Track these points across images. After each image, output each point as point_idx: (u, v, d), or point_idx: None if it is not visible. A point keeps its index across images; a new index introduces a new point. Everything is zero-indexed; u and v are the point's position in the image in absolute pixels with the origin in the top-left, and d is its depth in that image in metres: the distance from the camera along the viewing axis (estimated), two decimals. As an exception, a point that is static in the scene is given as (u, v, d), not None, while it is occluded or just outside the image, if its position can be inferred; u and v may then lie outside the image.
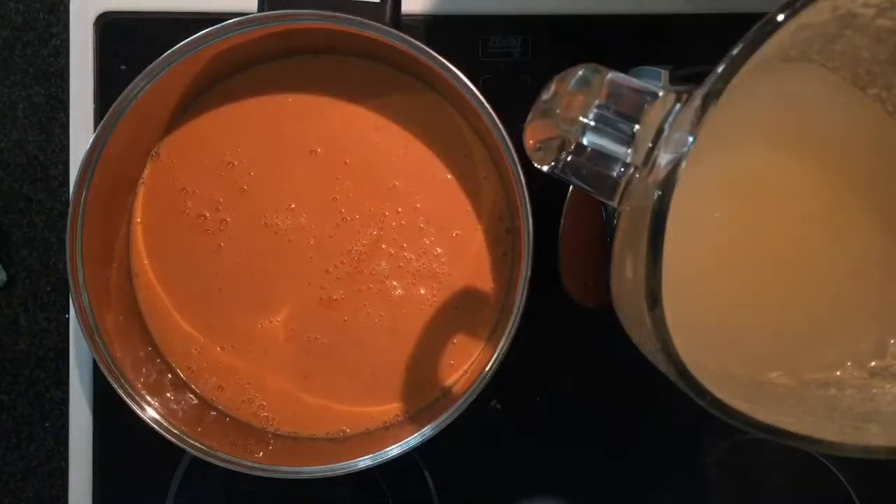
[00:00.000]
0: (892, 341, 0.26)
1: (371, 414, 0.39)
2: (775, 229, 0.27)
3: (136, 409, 0.36)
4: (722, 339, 0.26)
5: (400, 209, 0.39)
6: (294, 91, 0.39)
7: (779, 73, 0.26)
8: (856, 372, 0.26)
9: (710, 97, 0.18)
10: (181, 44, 0.35)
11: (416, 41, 0.34)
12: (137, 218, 0.39)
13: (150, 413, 0.36)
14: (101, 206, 0.36)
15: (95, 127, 0.39)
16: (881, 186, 0.27)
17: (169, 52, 0.35)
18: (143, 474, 0.42)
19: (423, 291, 0.39)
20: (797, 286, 0.27)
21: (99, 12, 0.42)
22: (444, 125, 0.39)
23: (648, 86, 0.22)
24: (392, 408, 0.39)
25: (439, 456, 0.41)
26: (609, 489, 0.42)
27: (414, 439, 0.35)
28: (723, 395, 0.20)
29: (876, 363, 0.26)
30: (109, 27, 0.42)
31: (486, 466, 0.42)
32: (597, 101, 0.22)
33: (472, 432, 0.42)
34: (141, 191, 0.39)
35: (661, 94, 0.22)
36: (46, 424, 0.48)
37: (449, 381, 0.39)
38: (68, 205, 0.35)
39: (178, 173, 0.39)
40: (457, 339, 0.39)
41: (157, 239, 0.39)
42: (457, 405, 0.34)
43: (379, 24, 0.34)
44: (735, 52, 0.18)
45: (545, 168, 0.25)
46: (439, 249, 0.39)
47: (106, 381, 0.36)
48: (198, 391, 0.39)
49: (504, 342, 0.34)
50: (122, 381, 0.36)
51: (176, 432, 0.36)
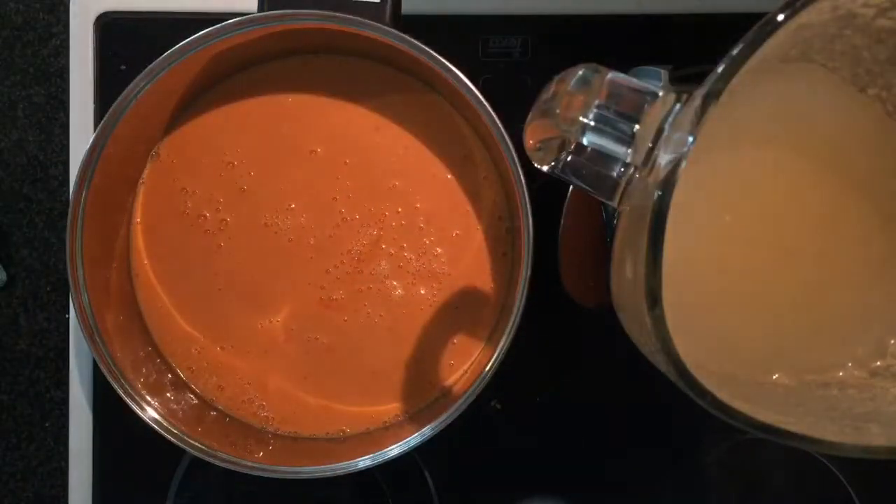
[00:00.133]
0: (892, 341, 0.26)
1: (371, 414, 0.39)
2: (775, 229, 0.26)
3: (136, 409, 0.36)
4: (722, 338, 0.26)
5: (400, 209, 0.39)
6: (294, 91, 0.39)
7: (779, 73, 0.26)
8: (856, 372, 0.26)
9: (710, 97, 0.18)
10: (181, 44, 0.35)
11: (416, 41, 0.34)
12: (137, 218, 0.39)
13: (150, 413, 0.36)
14: (101, 206, 0.36)
15: (95, 127, 0.39)
16: (881, 186, 0.27)
17: (169, 52, 0.35)
18: (143, 474, 0.42)
19: (423, 291, 0.39)
20: (797, 286, 0.27)
21: (99, 12, 0.42)
22: (444, 125, 0.39)
23: (648, 86, 0.22)
24: (392, 408, 0.39)
25: (439, 456, 0.41)
26: (609, 489, 0.42)
27: (414, 439, 0.35)
28: (723, 395, 0.19)
29: (876, 363, 0.26)
30: (109, 27, 0.42)
31: (486, 466, 0.42)
32: (597, 101, 0.22)
33: (472, 432, 0.42)
34: (141, 191, 0.39)
35: (661, 94, 0.22)
36: (46, 424, 0.48)
37: (449, 381, 0.39)
38: (68, 205, 0.35)
39: (178, 173, 0.39)
40: (457, 339, 0.39)
41: (157, 239, 0.39)
42: (457, 405, 0.34)
43: (379, 24, 0.34)
44: (735, 52, 0.18)
45: (545, 168, 0.25)
46: (439, 249, 0.39)
47: (106, 381, 0.36)
48: (198, 391, 0.39)
49: (504, 342, 0.34)
50: (122, 381, 0.36)
51: (176, 432, 0.36)
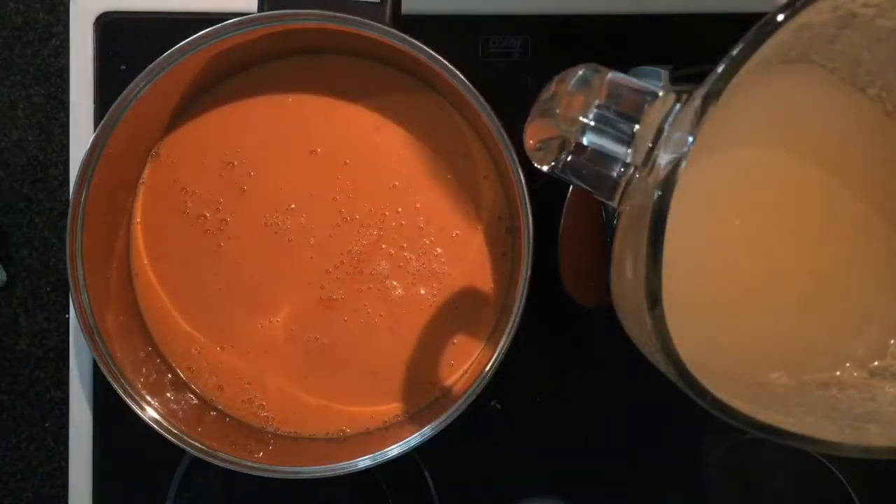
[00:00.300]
0: (891, 341, 0.26)
1: (371, 414, 0.39)
2: (775, 229, 0.27)
3: (136, 409, 0.36)
4: (722, 339, 0.26)
5: (400, 209, 0.39)
6: (294, 91, 0.39)
7: (779, 74, 0.26)
8: (856, 372, 0.26)
9: (710, 97, 0.19)
10: (181, 44, 0.35)
11: (416, 41, 0.34)
12: (137, 218, 0.39)
13: (150, 413, 0.36)
14: (101, 206, 0.36)
15: (95, 127, 0.39)
16: (881, 186, 0.27)
17: (169, 52, 0.35)
18: (143, 474, 0.42)
19: (423, 291, 0.39)
20: (797, 286, 0.27)
21: (99, 12, 0.42)
22: (444, 125, 0.39)
23: (648, 86, 0.22)
24: (392, 408, 0.39)
25: (439, 456, 0.41)
26: (609, 489, 0.42)
27: (414, 439, 0.35)
28: (723, 395, 0.20)
29: (876, 363, 0.26)
30: (109, 27, 0.42)
31: (486, 466, 0.42)
32: (597, 101, 0.22)
33: (472, 432, 0.42)
34: (141, 191, 0.39)
35: (661, 94, 0.22)
36: (46, 424, 0.48)
37: (449, 381, 0.39)
38: (68, 205, 0.35)
39: (178, 173, 0.39)
40: (457, 339, 0.39)
41: (157, 239, 0.39)
42: (457, 405, 0.34)
43: (379, 24, 0.34)
44: (735, 52, 0.18)
45: (545, 168, 0.25)
46: (439, 249, 0.39)
47: (106, 381, 0.36)
48: (198, 391, 0.39)
49: (504, 342, 0.34)
50: (122, 381, 0.36)
51: (176, 432, 0.36)
